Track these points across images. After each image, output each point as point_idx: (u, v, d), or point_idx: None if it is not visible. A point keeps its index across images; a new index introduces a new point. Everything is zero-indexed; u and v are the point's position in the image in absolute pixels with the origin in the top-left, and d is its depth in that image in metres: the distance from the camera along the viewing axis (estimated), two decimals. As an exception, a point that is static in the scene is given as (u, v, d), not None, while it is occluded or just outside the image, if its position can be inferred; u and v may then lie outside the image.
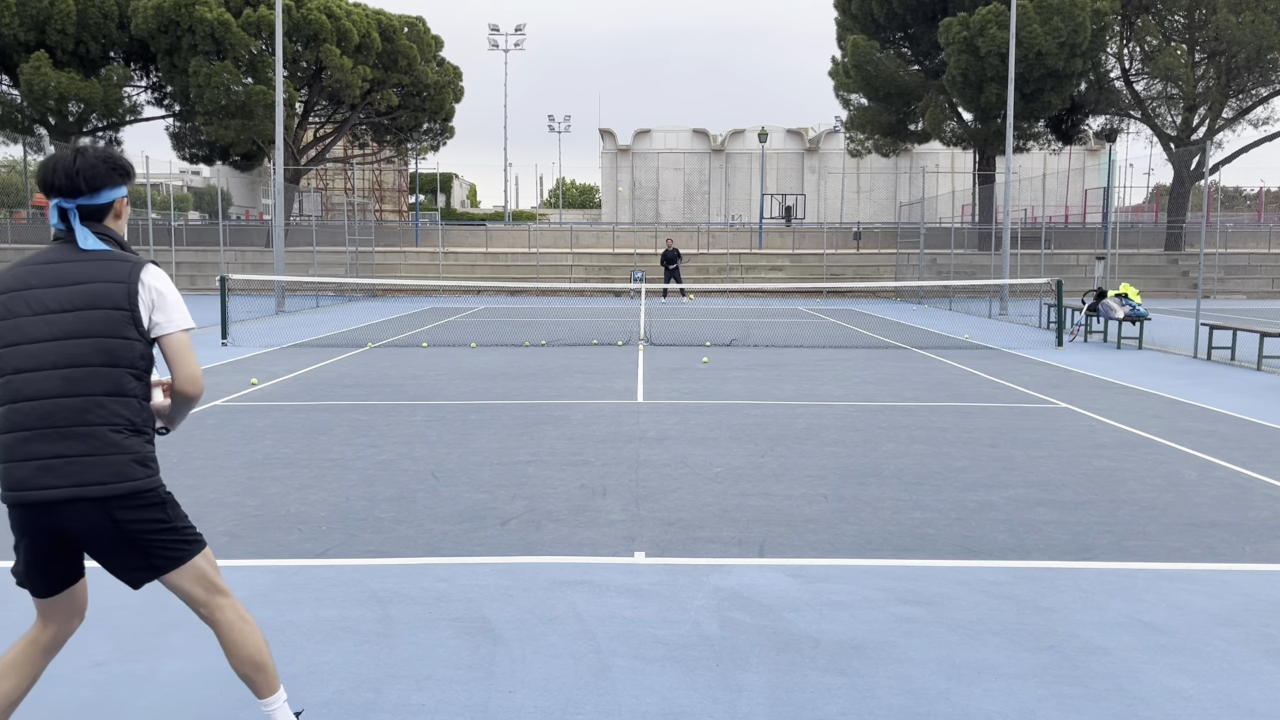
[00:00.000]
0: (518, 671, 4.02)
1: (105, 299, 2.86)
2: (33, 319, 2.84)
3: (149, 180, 20.99)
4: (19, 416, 2.82)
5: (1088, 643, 4.34)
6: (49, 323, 2.83)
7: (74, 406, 2.82)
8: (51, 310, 2.84)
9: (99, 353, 2.84)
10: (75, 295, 2.85)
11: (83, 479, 2.81)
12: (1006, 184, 28.15)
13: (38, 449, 2.81)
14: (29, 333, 2.83)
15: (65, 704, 3.71)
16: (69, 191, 2.90)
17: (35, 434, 2.81)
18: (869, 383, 12.61)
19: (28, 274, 2.89)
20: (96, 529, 2.87)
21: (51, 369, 2.81)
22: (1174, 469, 7.73)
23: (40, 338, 2.83)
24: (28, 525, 2.88)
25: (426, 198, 67.97)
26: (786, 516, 6.31)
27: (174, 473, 7.39)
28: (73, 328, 2.83)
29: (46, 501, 2.81)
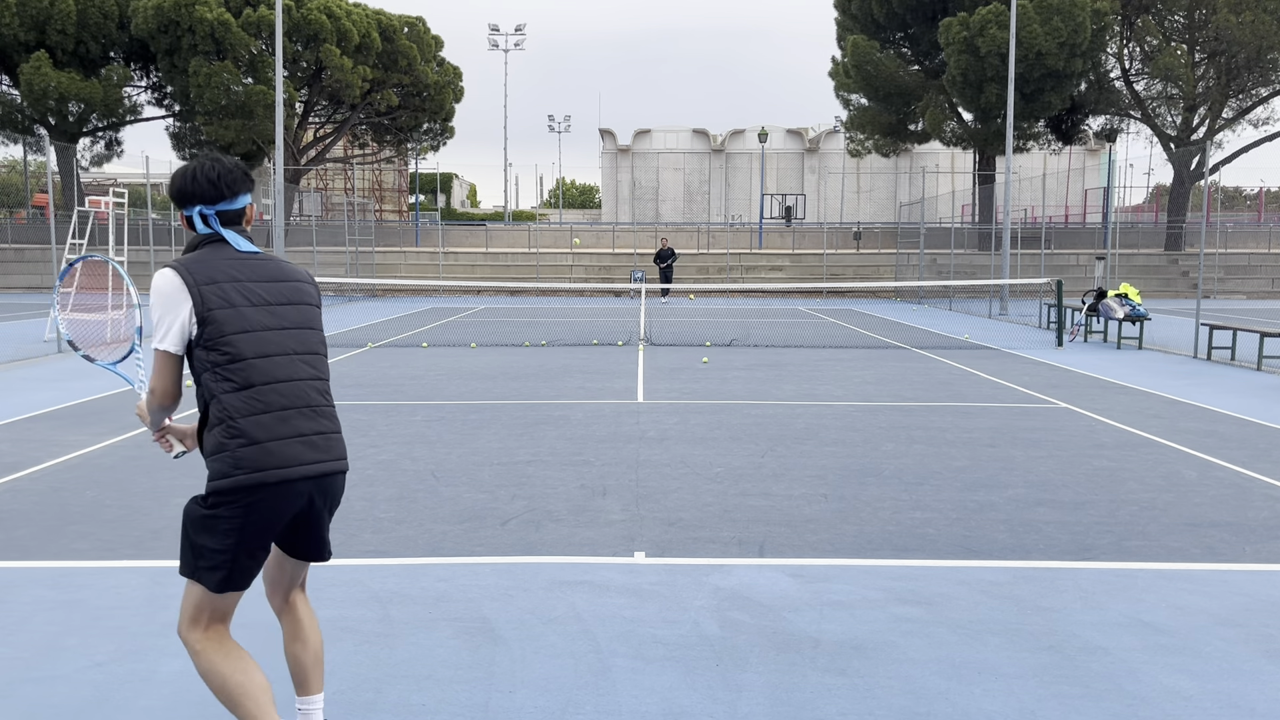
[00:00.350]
0: (518, 671, 4.01)
1: (307, 296, 3.10)
2: (253, 309, 2.94)
3: (149, 180, 20.98)
4: (275, 397, 2.91)
5: (1088, 643, 4.34)
6: (273, 314, 2.97)
7: (319, 389, 3.02)
8: (270, 302, 2.97)
9: (318, 342, 3.09)
10: (286, 291, 3.03)
11: (337, 453, 3.02)
12: (1006, 184, 28.15)
13: (301, 426, 2.94)
14: (258, 321, 2.93)
15: (65, 704, 3.71)
16: (211, 198, 2.99)
17: (295, 412, 2.94)
18: (869, 383, 12.61)
19: (226, 266, 2.96)
20: (335, 498, 3.09)
21: (294, 354, 2.98)
22: (1174, 469, 7.73)
23: (271, 326, 2.95)
24: (276, 506, 2.91)
25: (426, 198, 67.97)
26: (786, 516, 6.31)
27: (174, 472, 7.39)
28: (295, 319, 3.02)
29: (315, 475, 2.95)
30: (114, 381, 12.27)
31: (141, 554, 5.50)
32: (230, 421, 2.87)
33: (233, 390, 2.88)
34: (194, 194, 2.99)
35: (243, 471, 2.85)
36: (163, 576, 5.13)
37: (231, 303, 2.91)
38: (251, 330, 2.91)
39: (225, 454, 2.86)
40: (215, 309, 2.88)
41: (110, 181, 52.26)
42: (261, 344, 2.92)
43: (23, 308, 27.08)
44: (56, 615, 4.59)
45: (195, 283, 2.90)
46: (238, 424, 2.87)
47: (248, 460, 2.85)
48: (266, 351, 2.92)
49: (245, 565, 2.96)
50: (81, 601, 4.76)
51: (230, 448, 2.86)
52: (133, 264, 26.85)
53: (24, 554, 5.50)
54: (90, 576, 5.13)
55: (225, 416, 2.88)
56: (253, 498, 2.88)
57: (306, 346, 3.01)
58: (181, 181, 3.00)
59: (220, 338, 2.88)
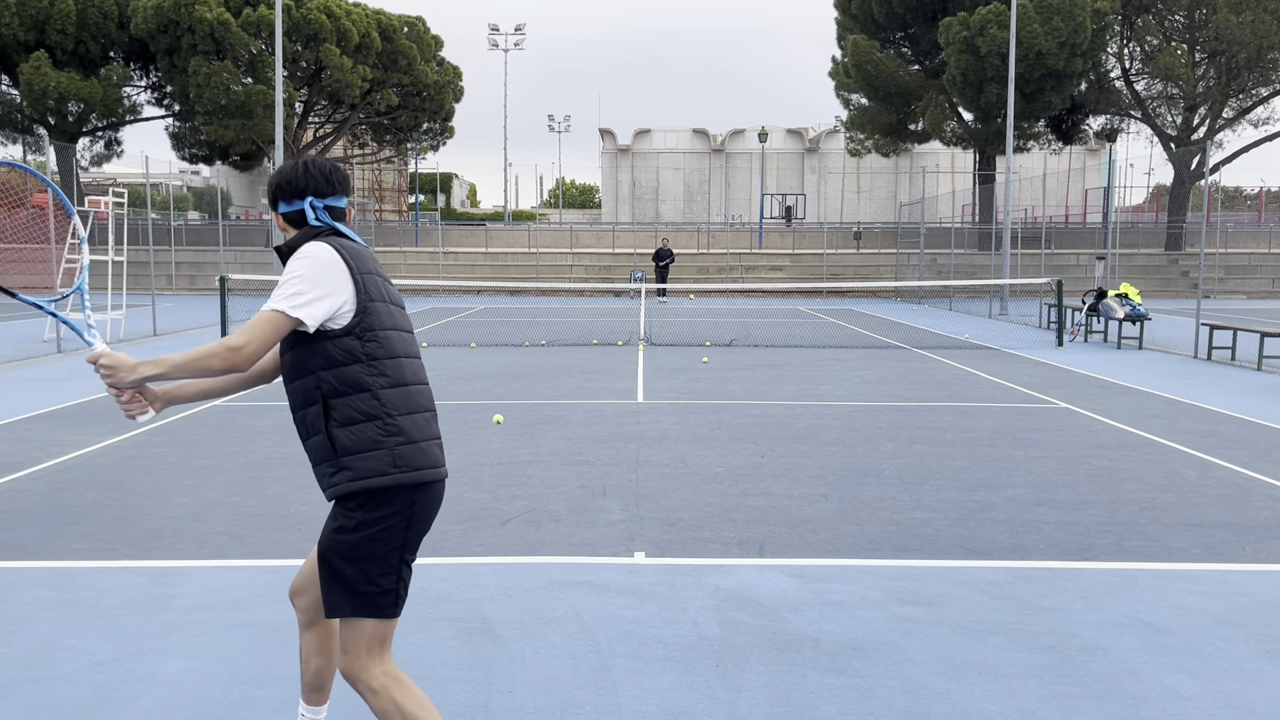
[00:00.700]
0: (518, 671, 4.01)
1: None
2: (392, 308, 2.89)
3: (148, 180, 20.98)
4: (421, 398, 2.86)
5: (1088, 643, 4.33)
6: (402, 315, 2.93)
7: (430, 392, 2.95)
8: (397, 303, 2.93)
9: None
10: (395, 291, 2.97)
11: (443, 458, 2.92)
12: (1007, 184, 28.15)
13: (435, 429, 2.90)
14: (395, 320, 2.88)
15: (65, 704, 3.71)
16: (324, 192, 2.94)
17: (432, 415, 2.90)
18: (869, 383, 12.60)
19: (370, 261, 2.90)
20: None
21: (417, 357, 2.93)
22: (1174, 469, 7.73)
23: (403, 327, 2.91)
24: (432, 504, 2.86)
25: (426, 198, 67.97)
26: (786, 516, 6.31)
27: (174, 473, 7.39)
28: (410, 323, 2.98)
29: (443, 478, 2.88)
30: (114, 381, 12.28)
31: (141, 554, 5.50)
32: (388, 418, 2.75)
33: (389, 386, 2.77)
34: (306, 186, 2.91)
35: (401, 470, 2.74)
36: (162, 576, 5.13)
37: (383, 297, 2.85)
38: (396, 329, 2.86)
39: (382, 451, 2.73)
40: (375, 300, 2.80)
41: (110, 181, 52.27)
42: (405, 344, 2.88)
43: (23, 308, 27.07)
44: (56, 615, 4.59)
45: (357, 270, 2.79)
46: (396, 421, 2.76)
47: (407, 459, 2.75)
48: (409, 351, 2.89)
49: (408, 577, 2.84)
50: (81, 601, 4.76)
51: (388, 445, 2.74)
52: (132, 264, 26.85)
53: (24, 554, 5.50)
54: (90, 576, 5.13)
55: (382, 412, 2.75)
56: (414, 497, 2.78)
57: (418, 350, 2.96)
58: (292, 174, 2.92)
59: (379, 330, 2.79)
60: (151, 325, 19.27)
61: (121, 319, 18.12)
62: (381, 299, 2.83)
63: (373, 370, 2.76)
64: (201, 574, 5.18)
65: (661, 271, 32.94)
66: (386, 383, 2.77)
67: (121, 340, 17.29)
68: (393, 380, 2.78)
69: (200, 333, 19.29)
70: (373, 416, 2.74)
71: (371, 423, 2.74)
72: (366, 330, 2.76)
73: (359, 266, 2.81)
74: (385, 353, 2.79)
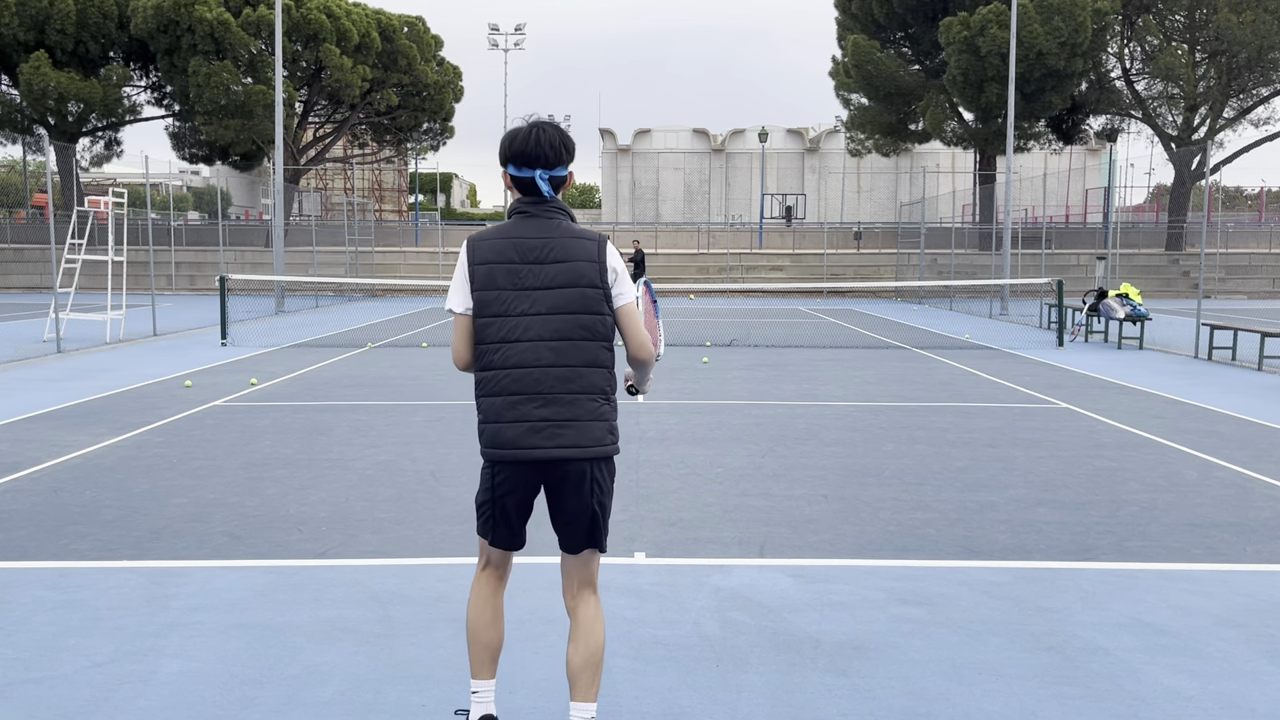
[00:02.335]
0: (517, 672, 4.01)
1: (582, 277, 3.10)
2: (515, 293, 3.08)
3: (148, 180, 20.97)
4: (509, 382, 3.09)
5: (1088, 643, 4.33)
6: (532, 298, 3.08)
7: (560, 375, 3.09)
8: (533, 286, 3.08)
9: (579, 328, 3.10)
10: (556, 273, 3.09)
11: (568, 441, 3.10)
12: (1007, 184, 28.15)
13: (527, 412, 3.08)
14: (514, 305, 3.08)
15: (65, 704, 3.71)
16: (550, 162, 3.11)
17: (524, 398, 3.08)
18: (869, 383, 12.60)
19: (505, 247, 3.10)
20: (575, 485, 3.16)
21: (538, 340, 3.08)
22: (1175, 469, 7.72)
23: (526, 311, 3.08)
24: (511, 481, 3.15)
25: (426, 198, 67.98)
26: (787, 517, 6.30)
27: (174, 473, 7.39)
28: (555, 304, 3.08)
29: (533, 460, 3.10)
30: (114, 382, 12.28)
31: (141, 554, 5.49)
32: (477, 398, 3.17)
33: (480, 369, 3.13)
34: (534, 156, 3.10)
35: (483, 445, 3.16)
36: (162, 577, 5.13)
37: (496, 285, 3.09)
38: (506, 315, 3.08)
39: (479, 425, 3.18)
40: (479, 289, 3.11)
41: (110, 181, 52.29)
42: (510, 329, 3.08)
43: (23, 308, 27.08)
44: (56, 615, 4.59)
45: (471, 262, 3.14)
46: (479, 402, 3.15)
47: (484, 437, 3.15)
48: (510, 337, 3.08)
49: (500, 523, 3.24)
50: (81, 601, 4.76)
51: (479, 422, 3.18)
52: (132, 264, 26.86)
53: (24, 554, 5.50)
54: (90, 576, 5.13)
55: (476, 392, 3.16)
56: (491, 470, 3.18)
57: (556, 333, 3.08)
58: (518, 143, 3.11)
59: (478, 318, 3.12)
60: (151, 325, 19.27)
61: (121, 319, 18.11)
62: (491, 287, 3.09)
63: (477, 354, 3.15)
64: (201, 574, 5.17)
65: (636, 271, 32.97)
66: (478, 366, 3.15)
67: (121, 340, 17.29)
68: (482, 365, 3.13)
69: (200, 333, 19.29)
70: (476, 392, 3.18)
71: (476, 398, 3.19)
72: (477, 317, 3.12)
73: (478, 259, 3.12)
74: (480, 339, 3.12)
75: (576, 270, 3.10)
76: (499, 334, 3.09)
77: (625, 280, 3.18)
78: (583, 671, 3.17)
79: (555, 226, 3.13)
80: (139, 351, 15.85)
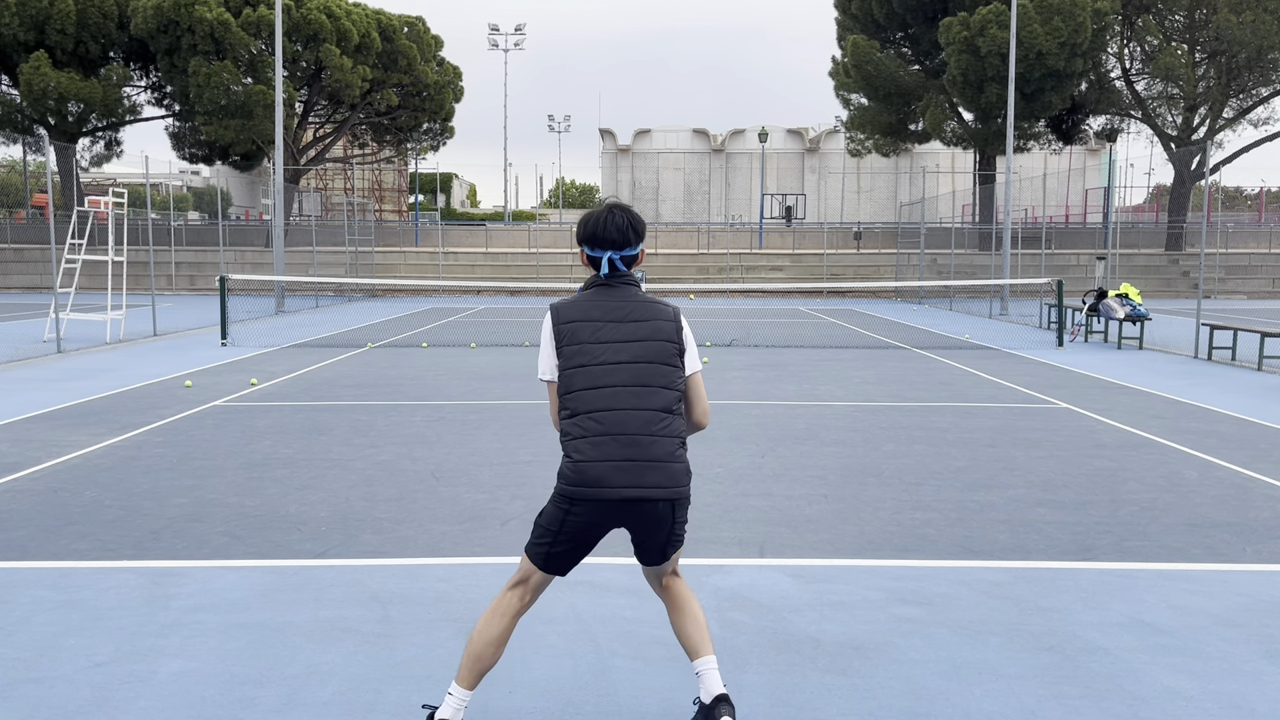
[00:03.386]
0: (518, 672, 4.01)
1: (662, 334, 3.40)
2: (599, 345, 3.36)
3: (148, 180, 20.97)
4: (594, 425, 3.31)
5: (1088, 643, 4.33)
6: (615, 349, 3.36)
7: (643, 419, 3.32)
8: (616, 340, 3.37)
9: (659, 376, 3.37)
10: (638, 329, 3.39)
11: (650, 482, 3.29)
12: (1007, 184, 28.15)
13: (611, 452, 3.28)
14: (599, 356, 3.35)
15: (65, 704, 3.71)
16: (619, 244, 3.44)
17: (609, 439, 3.29)
18: (869, 383, 12.60)
19: (588, 308, 3.42)
20: (652, 523, 3.35)
21: (621, 386, 3.33)
22: (1174, 469, 7.73)
23: (609, 360, 3.35)
24: (588, 518, 3.31)
25: (426, 198, 67.97)
26: (786, 517, 6.31)
27: (174, 473, 7.39)
28: (637, 354, 3.36)
29: (618, 499, 3.28)
30: (114, 382, 12.28)
31: (141, 554, 5.50)
32: (564, 440, 3.36)
33: (567, 416, 3.36)
34: (607, 240, 3.43)
35: (564, 483, 3.32)
36: (162, 577, 5.13)
37: (579, 340, 3.38)
38: (588, 365, 3.35)
39: (563, 463, 3.34)
40: (565, 345, 3.39)
41: (110, 181, 52.29)
42: (592, 377, 3.34)
43: (23, 308, 27.08)
44: (56, 615, 4.59)
45: (556, 322, 3.42)
46: (566, 445, 3.35)
47: (567, 474, 3.32)
48: (596, 384, 3.33)
49: (560, 556, 3.39)
50: (81, 601, 4.76)
51: (565, 461, 3.34)
52: (132, 264, 26.87)
53: (24, 554, 5.50)
54: (90, 576, 5.13)
55: (562, 440, 3.37)
56: (569, 505, 3.32)
57: (640, 380, 3.34)
58: (594, 228, 3.44)
59: (564, 370, 3.38)
60: (151, 325, 19.27)
61: (121, 319, 18.12)
62: (575, 342, 3.38)
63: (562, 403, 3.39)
64: (201, 574, 5.17)
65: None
66: (567, 413, 3.37)
67: (121, 340, 17.29)
68: (570, 411, 3.36)
69: (200, 333, 19.29)
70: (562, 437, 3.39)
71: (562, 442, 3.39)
72: (563, 370, 3.39)
73: (563, 319, 3.42)
74: (568, 389, 3.37)
75: (656, 327, 3.40)
76: (584, 382, 3.34)
77: (694, 352, 3.50)
78: (695, 632, 3.50)
79: (632, 294, 3.45)
80: (139, 351, 15.85)
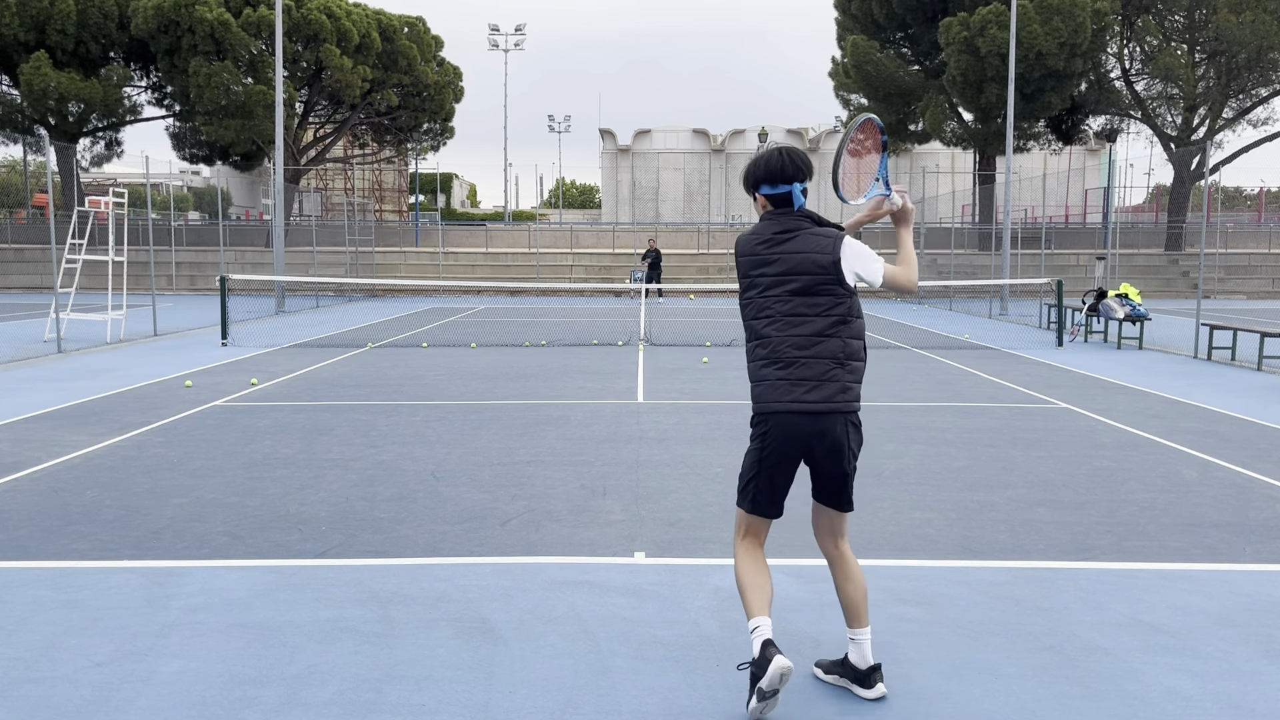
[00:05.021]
0: (518, 671, 4.01)
1: (814, 264, 3.69)
2: (765, 277, 3.74)
3: (149, 180, 20.97)
4: (762, 350, 3.74)
5: (1088, 643, 4.33)
6: (777, 280, 3.72)
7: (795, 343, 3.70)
8: (777, 274, 3.72)
9: (809, 307, 3.70)
10: (801, 262, 3.70)
11: (826, 397, 3.67)
12: (1007, 184, 28.15)
13: (772, 374, 3.71)
14: (764, 286, 3.74)
15: (65, 704, 3.71)
16: (800, 176, 3.80)
17: (771, 364, 3.72)
18: (869, 383, 12.59)
19: (756, 242, 3.78)
20: (828, 442, 3.72)
21: (779, 315, 3.72)
22: (1174, 469, 7.73)
23: (770, 291, 3.73)
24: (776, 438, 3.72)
25: (426, 198, 67.98)
26: (786, 516, 6.26)
27: (174, 473, 7.39)
28: (794, 288, 3.70)
29: (808, 412, 3.67)
30: (114, 382, 12.29)
31: (141, 554, 5.50)
32: (749, 364, 3.83)
33: (749, 340, 3.82)
34: (786, 173, 3.77)
35: (753, 404, 3.77)
36: (163, 576, 5.13)
37: (749, 271, 3.79)
38: (757, 294, 3.76)
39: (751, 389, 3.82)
40: (744, 274, 3.82)
41: (110, 181, 52.25)
42: (760, 306, 3.76)
43: (23, 308, 27.08)
44: (56, 615, 4.59)
45: (740, 252, 3.84)
46: (749, 368, 3.81)
47: (754, 395, 3.78)
48: (763, 314, 3.75)
49: (765, 490, 3.80)
50: (81, 601, 4.76)
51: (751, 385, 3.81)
52: (132, 264, 26.83)
53: (24, 554, 5.50)
54: (90, 576, 5.13)
55: (747, 359, 3.85)
56: (763, 428, 3.75)
57: (795, 311, 3.70)
58: (779, 163, 3.77)
59: (742, 296, 3.84)
60: (152, 325, 19.28)
61: (121, 319, 18.12)
62: (749, 273, 3.79)
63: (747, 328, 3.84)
64: (201, 574, 5.18)
65: (649, 273, 32.95)
66: (749, 336, 3.82)
67: (121, 340, 17.29)
68: (749, 336, 3.82)
69: (201, 333, 19.30)
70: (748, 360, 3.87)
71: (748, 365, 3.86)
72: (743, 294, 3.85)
73: (744, 249, 3.82)
74: (745, 315, 3.84)
75: (810, 259, 3.69)
76: (754, 311, 3.78)
77: (871, 261, 3.74)
78: (860, 601, 3.82)
79: (800, 222, 3.76)
80: (139, 351, 15.85)
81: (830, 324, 3.71)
